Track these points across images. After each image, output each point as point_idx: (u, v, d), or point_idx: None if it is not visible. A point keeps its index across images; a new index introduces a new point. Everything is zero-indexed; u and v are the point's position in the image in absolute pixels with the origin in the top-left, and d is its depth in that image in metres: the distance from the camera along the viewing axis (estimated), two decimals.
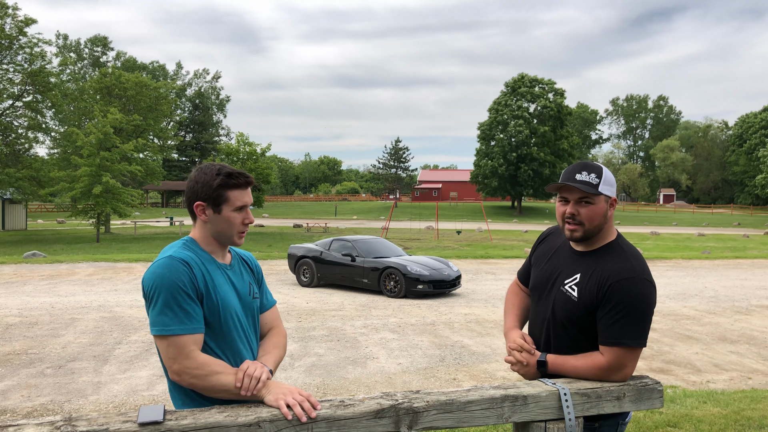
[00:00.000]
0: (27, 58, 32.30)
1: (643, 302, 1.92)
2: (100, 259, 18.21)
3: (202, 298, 1.83)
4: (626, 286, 1.93)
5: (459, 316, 9.92)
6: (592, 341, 2.02)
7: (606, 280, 1.96)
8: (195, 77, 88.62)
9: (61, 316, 9.38)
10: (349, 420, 1.60)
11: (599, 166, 2.07)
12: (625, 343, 1.91)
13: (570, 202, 2.05)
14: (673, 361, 7.20)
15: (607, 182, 2.04)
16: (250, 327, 2.00)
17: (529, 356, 2.09)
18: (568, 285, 2.06)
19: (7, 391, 5.71)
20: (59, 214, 55.69)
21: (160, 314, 1.76)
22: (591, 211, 2.01)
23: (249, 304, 2.00)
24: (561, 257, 2.17)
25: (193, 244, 1.94)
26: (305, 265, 13.40)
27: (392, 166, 77.07)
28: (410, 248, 22.63)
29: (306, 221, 45.90)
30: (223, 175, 1.90)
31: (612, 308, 1.93)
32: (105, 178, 27.93)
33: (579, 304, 2.01)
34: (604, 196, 2.03)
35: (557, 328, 2.09)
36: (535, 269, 2.28)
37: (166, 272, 1.77)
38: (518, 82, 66.39)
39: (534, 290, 2.26)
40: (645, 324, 1.93)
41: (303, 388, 5.85)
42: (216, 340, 1.86)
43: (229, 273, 1.97)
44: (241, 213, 1.94)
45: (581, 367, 1.99)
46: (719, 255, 21.53)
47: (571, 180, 2.02)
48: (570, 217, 2.04)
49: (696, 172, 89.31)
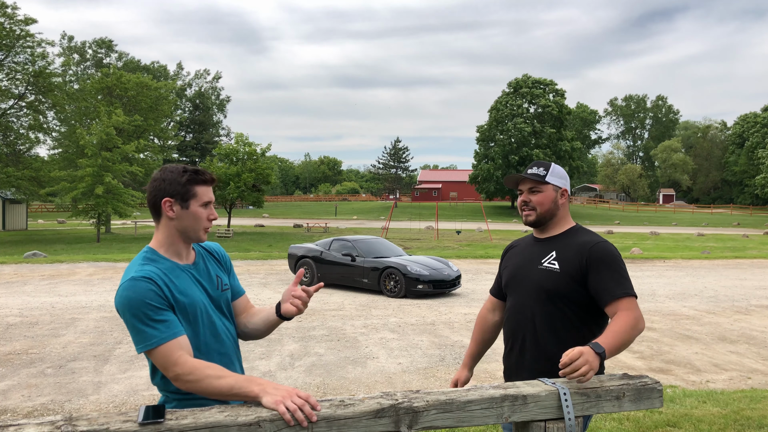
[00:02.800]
0: (29, 58, 32.30)
1: (621, 259, 2.27)
2: (100, 259, 18.22)
3: (172, 308, 1.87)
4: (604, 248, 2.27)
5: (459, 316, 9.92)
6: (577, 311, 2.28)
7: (584, 248, 2.28)
8: (195, 78, 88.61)
9: (62, 316, 9.39)
10: (349, 419, 1.61)
11: (549, 162, 2.45)
12: (631, 293, 2.19)
13: (524, 192, 2.43)
14: (672, 361, 7.21)
15: (555, 174, 2.41)
16: (225, 318, 2.05)
17: (585, 361, 1.84)
18: (546, 263, 2.35)
19: (8, 391, 5.71)
20: (60, 214, 55.69)
21: (138, 333, 1.80)
22: (540, 197, 2.39)
23: (218, 297, 2.05)
24: (529, 249, 2.48)
25: (154, 254, 1.96)
26: (305, 264, 13.41)
27: (392, 166, 77.05)
28: (410, 248, 22.63)
29: (306, 221, 45.90)
30: (191, 172, 1.96)
31: (604, 268, 2.22)
32: (106, 178, 27.95)
33: (562, 274, 2.28)
34: (552, 185, 2.40)
35: (545, 304, 2.31)
36: (508, 269, 2.54)
37: (131, 294, 1.80)
38: (521, 82, 66.39)
39: (510, 284, 2.49)
40: (629, 277, 2.26)
41: (303, 388, 5.86)
42: (191, 342, 1.89)
43: (194, 272, 2.00)
44: (207, 209, 1.99)
45: (621, 330, 2.06)
46: (719, 255, 21.54)
47: (524, 174, 2.43)
48: (524, 204, 2.43)
49: (695, 173, 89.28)
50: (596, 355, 1.89)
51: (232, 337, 2.07)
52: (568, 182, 2.48)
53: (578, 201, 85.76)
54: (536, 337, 2.34)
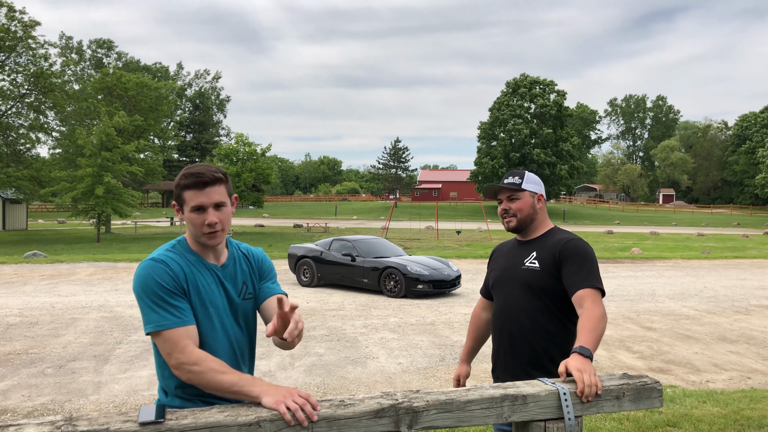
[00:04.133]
0: (30, 59, 32.30)
1: (591, 254, 2.44)
2: (100, 258, 18.22)
3: (185, 295, 1.84)
4: (574, 244, 2.45)
5: (459, 316, 9.92)
6: (558, 305, 2.46)
7: (558, 245, 2.47)
8: (195, 78, 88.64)
9: (62, 316, 9.39)
10: (349, 419, 1.61)
11: (523, 171, 2.64)
12: (595, 285, 2.32)
13: (503, 201, 2.61)
14: (672, 361, 7.21)
15: (530, 181, 2.60)
16: (237, 327, 1.98)
17: (589, 376, 1.86)
18: (528, 262, 2.54)
19: (8, 391, 5.71)
20: (60, 214, 55.66)
21: (149, 313, 1.79)
22: (519, 204, 2.57)
23: (238, 305, 1.98)
24: (513, 252, 2.67)
25: (182, 245, 1.95)
26: (305, 265, 13.41)
27: (392, 166, 77.04)
28: (410, 248, 22.63)
29: (306, 221, 45.89)
30: (181, 176, 1.89)
31: (573, 262, 2.40)
32: (106, 178, 27.95)
33: (542, 271, 2.48)
34: (528, 192, 2.58)
35: (530, 299, 2.50)
36: (494, 271, 2.73)
37: (146, 273, 1.81)
38: (519, 82, 66.36)
39: (496, 285, 2.67)
40: (598, 271, 2.41)
41: (303, 388, 5.86)
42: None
43: (220, 274, 1.95)
44: (200, 214, 1.87)
45: (593, 326, 2.16)
46: (719, 255, 21.54)
47: (501, 184, 2.61)
48: (505, 212, 2.61)
49: (695, 172, 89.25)
50: (585, 359, 1.96)
51: (239, 347, 1.99)
52: (543, 187, 2.68)
53: (578, 201, 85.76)
54: (522, 331, 2.51)
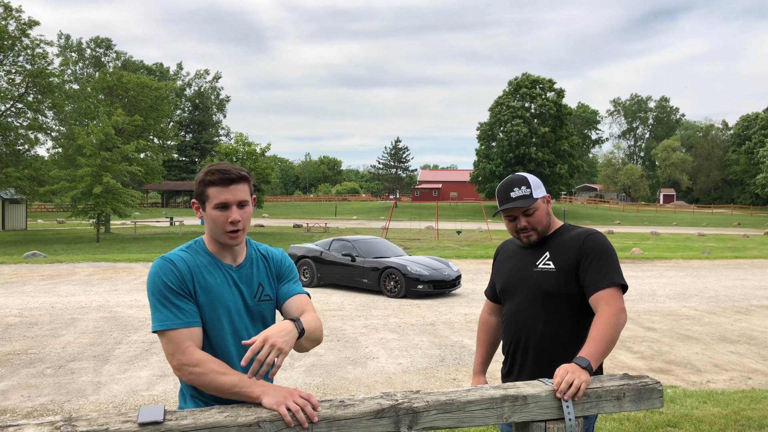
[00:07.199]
0: (29, 59, 32.30)
1: (612, 249, 2.29)
2: (100, 259, 18.22)
3: (191, 296, 1.84)
4: (595, 239, 2.29)
5: (459, 316, 9.92)
6: (576, 311, 2.27)
7: (578, 240, 2.30)
8: (195, 77, 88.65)
9: (61, 316, 9.39)
10: (349, 420, 1.60)
11: (523, 176, 2.39)
12: (616, 281, 2.19)
13: (517, 217, 2.37)
14: (673, 361, 7.20)
15: (536, 186, 2.38)
16: (252, 329, 1.96)
17: (573, 376, 1.86)
18: (541, 264, 2.34)
19: (7, 391, 5.71)
20: (59, 214, 55.69)
21: (155, 312, 1.81)
22: (536, 217, 2.36)
23: (254, 307, 1.96)
24: (522, 253, 2.46)
25: (198, 245, 1.96)
26: (305, 265, 13.41)
27: (392, 166, 77.00)
28: (410, 248, 22.63)
29: (306, 221, 45.90)
30: (205, 172, 1.89)
31: (594, 258, 2.24)
32: (105, 178, 27.95)
33: (558, 272, 2.29)
34: (540, 200, 2.37)
35: (546, 306, 2.30)
36: (501, 274, 2.53)
37: (154, 271, 1.85)
38: (521, 82, 66.35)
39: (506, 289, 2.47)
40: (619, 265, 2.27)
41: (303, 388, 5.86)
42: (204, 340, 1.85)
43: (234, 275, 1.94)
44: (224, 211, 1.86)
45: (601, 336, 2.05)
46: (719, 255, 21.53)
47: (509, 200, 2.35)
48: (524, 229, 2.37)
49: (696, 172, 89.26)
50: (582, 369, 1.89)
51: None
52: (543, 186, 2.50)
53: (578, 201, 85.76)
54: (538, 341, 2.33)
